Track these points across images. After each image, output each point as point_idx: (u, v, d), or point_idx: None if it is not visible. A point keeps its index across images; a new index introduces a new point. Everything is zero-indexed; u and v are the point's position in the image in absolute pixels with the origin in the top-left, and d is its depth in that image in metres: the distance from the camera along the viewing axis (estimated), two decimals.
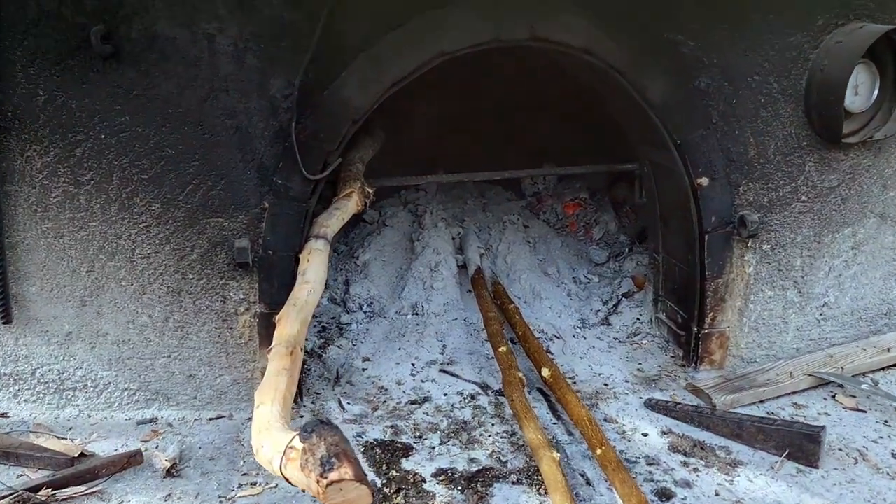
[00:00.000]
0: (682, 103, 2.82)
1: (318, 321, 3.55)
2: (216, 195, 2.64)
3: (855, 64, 2.77)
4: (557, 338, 3.52)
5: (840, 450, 2.69)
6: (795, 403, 2.99)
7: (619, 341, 3.51)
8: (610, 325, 3.65)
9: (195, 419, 2.85)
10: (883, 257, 3.31)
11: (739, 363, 3.22)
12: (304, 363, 2.87)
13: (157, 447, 2.66)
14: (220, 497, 2.42)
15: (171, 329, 2.78)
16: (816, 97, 2.89)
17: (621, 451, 2.64)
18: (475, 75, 4.07)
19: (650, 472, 2.56)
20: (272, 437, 1.96)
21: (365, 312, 3.68)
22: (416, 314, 3.65)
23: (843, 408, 2.96)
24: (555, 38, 2.66)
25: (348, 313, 3.68)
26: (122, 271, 2.71)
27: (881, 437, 2.77)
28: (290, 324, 2.43)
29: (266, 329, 2.78)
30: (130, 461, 2.54)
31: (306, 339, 2.54)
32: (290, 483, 1.81)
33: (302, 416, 2.86)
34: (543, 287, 3.89)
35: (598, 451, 2.52)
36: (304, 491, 1.79)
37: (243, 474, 2.54)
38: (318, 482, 1.67)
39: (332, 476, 1.65)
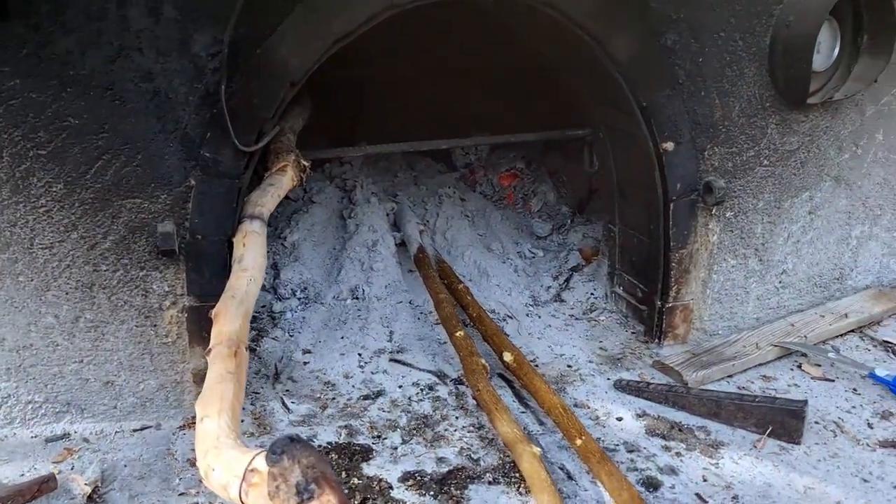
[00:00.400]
0: (649, 62, 2.62)
1: None
2: (132, 172, 2.26)
3: (823, 20, 2.63)
4: (510, 318, 3.30)
5: (817, 423, 2.59)
6: (764, 376, 2.88)
7: (576, 318, 3.32)
8: (563, 301, 3.45)
9: (116, 432, 2.47)
10: (836, 221, 3.25)
11: (702, 336, 3.09)
12: None
13: (73, 468, 2.28)
14: None
15: (82, 330, 2.38)
16: (782, 55, 2.75)
17: (598, 439, 2.44)
18: (399, 38, 3.77)
19: (632, 461, 2.38)
20: (225, 457, 1.65)
21: (299, 299, 3.35)
22: (357, 298, 3.35)
23: (811, 378, 2.88)
24: None
25: (280, 300, 3.33)
26: (18, 265, 2.28)
27: (854, 407, 2.69)
28: (231, 319, 2.10)
29: (197, 324, 2.44)
30: (42, 488, 2.15)
31: None
32: None
33: (242, 421, 2.52)
34: (489, 264, 3.65)
35: (578, 442, 2.32)
36: None
37: (180, 494, 2.20)
38: None
39: None
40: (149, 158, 2.25)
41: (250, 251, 2.32)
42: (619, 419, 2.61)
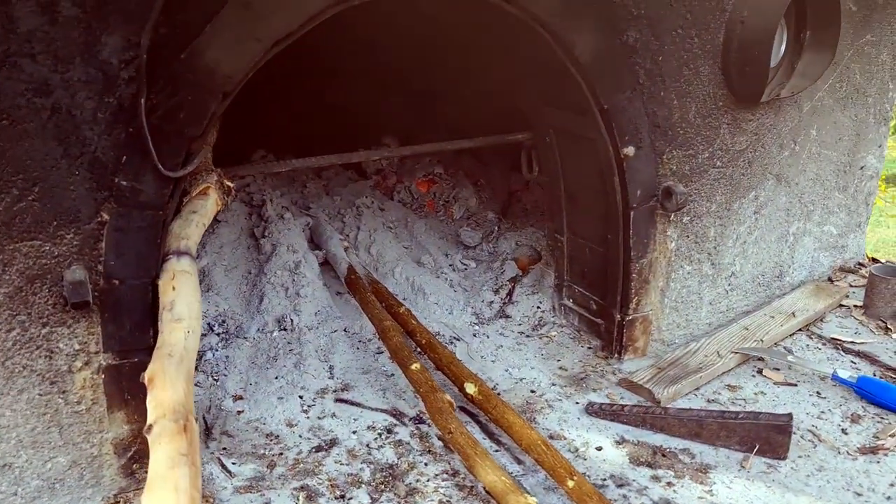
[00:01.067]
0: (611, 62, 2.43)
1: None
2: (27, 209, 1.81)
3: (781, 15, 2.53)
4: (457, 339, 3.04)
5: (793, 433, 2.50)
6: (729, 385, 2.77)
7: (526, 336, 3.10)
8: (509, 317, 3.23)
9: None
10: (777, 219, 3.21)
11: (661, 347, 2.96)
12: None
13: None
14: None
15: None
16: (737, 52, 2.63)
17: (584, 475, 2.23)
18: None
19: (625, 497, 2.19)
20: None
21: (218, 335, 2.94)
22: (285, 330, 2.98)
23: (774, 383, 2.80)
24: None
25: None
26: None
27: (823, 412, 2.63)
28: (171, 384, 1.74)
29: (116, 386, 2.03)
30: None
31: None
32: None
33: None
34: (424, 280, 3.37)
35: (570, 484, 2.09)
36: None
37: None
38: None
39: None
40: (48, 190, 1.82)
41: (182, 296, 1.95)
42: (599, 449, 2.41)
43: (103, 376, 2.01)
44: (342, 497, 2.15)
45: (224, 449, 2.35)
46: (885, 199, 6.71)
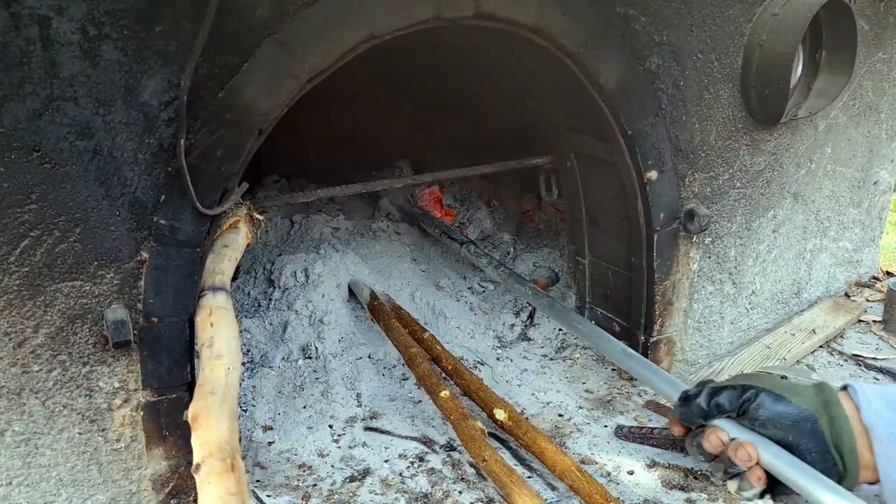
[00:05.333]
0: (635, 88, 2.45)
1: None
2: (69, 250, 1.83)
3: (800, 38, 2.56)
4: (481, 363, 3.05)
5: None
6: None
7: (550, 359, 3.11)
8: (531, 340, 3.24)
9: None
10: (795, 237, 3.23)
11: (685, 367, 2.97)
12: None
13: None
14: None
15: (9, 446, 1.92)
16: (756, 75, 2.67)
17: (618, 499, 2.24)
18: None
19: None
20: None
21: (244, 364, 2.94)
22: (310, 358, 2.99)
23: None
24: (502, 14, 2.15)
25: None
26: None
27: None
28: (216, 422, 1.73)
29: (155, 422, 2.03)
30: None
31: None
32: None
33: None
34: (445, 304, 3.39)
35: None
36: None
37: None
38: None
39: None
40: (90, 231, 1.83)
41: (221, 332, 1.95)
42: (631, 473, 2.42)
43: (142, 413, 2.02)
44: None
45: (258, 481, 2.36)
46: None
